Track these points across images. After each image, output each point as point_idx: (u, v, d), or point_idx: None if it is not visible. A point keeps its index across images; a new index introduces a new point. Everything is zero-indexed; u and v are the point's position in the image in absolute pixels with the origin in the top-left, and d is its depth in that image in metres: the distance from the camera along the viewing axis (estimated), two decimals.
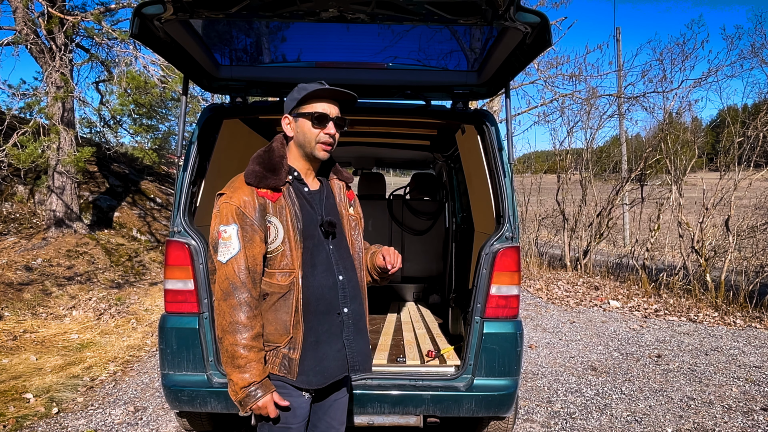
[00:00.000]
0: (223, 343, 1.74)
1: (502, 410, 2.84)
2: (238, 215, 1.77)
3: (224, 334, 1.74)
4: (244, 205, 1.77)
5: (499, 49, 2.64)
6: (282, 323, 1.80)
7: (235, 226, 1.76)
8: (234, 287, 1.74)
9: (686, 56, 10.38)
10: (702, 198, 8.33)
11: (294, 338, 1.81)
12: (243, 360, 1.72)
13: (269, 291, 1.81)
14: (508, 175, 2.93)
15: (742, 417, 3.97)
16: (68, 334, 5.79)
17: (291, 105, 1.88)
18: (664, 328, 6.63)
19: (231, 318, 1.73)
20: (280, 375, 1.81)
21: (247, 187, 1.81)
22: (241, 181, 1.83)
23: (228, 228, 1.76)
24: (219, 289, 1.76)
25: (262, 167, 1.83)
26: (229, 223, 1.76)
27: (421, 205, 5.42)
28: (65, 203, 8.58)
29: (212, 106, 3.10)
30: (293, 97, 1.88)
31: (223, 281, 1.75)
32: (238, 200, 1.78)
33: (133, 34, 2.18)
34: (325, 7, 2.13)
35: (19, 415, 3.81)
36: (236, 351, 1.72)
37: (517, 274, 2.81)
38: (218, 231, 1.78)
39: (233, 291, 1.74)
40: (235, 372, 1.73)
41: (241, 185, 1.81)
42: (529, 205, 13.42)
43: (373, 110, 3.31)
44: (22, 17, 7.60)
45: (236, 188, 1.81)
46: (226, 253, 1.76)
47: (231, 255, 1.75)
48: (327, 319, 1.87)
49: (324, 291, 1.86)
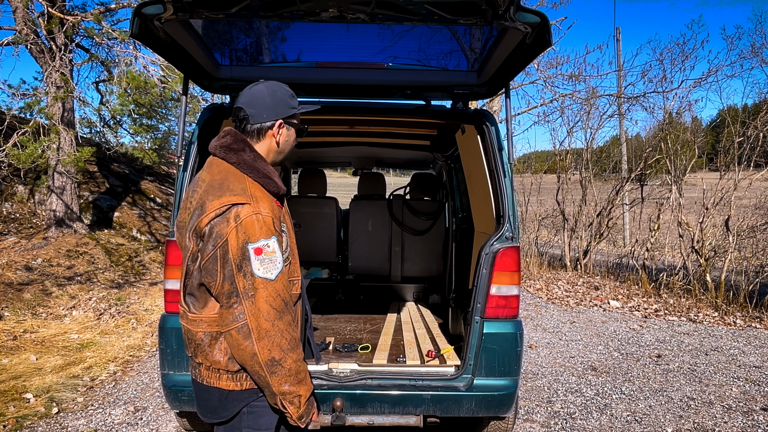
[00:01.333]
0: (285, 363, 1.62)
1: (502, 410, 2.84)
2: (276, 227, 1.65)
3: (285, 354, 1.62)
4: (275, 215, 1.67)
5: (499, 49, 2.64)
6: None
7: (275, 239, 1.63)
8: (286, 303, 1.64)
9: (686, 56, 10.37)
10: (702, 198, 8.33)
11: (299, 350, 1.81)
12: (304, 372, 1.68)
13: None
14: (508, 175, 2.93)
15: (742, 417, 3.97)
16: (68, 334, 5.79)
17: (289, 112, 1.80)
18: (664, 328, 6.63)
19: (290, 335, 1.63)
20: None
21: (269, 196, 1.71)
22: (259, 190, 1.69)
23: (269, 242, 1.61)
24: (270, 309, 1.60)
25: (270, 173, 1.74)
26: (269, 236, 1.61)
27: (421, 205, 5.42)
28: (65, 203, 8.58)
29: (212, 106, 3.11)
30: (289, 104, 1.80)
31: (274, 299, 1.61)
32: (269, 210, 1.65)
33: (133, 34, 2.18)
34: (325, 7, 2.13)
35: (19, 415, 3.81)
36: (299, 366, 1.65)
37: (517, 274, 2.81)
38: (256, 246, 1.59)
39: (286, 308, 1.63)
40: (301, 386, 1.66)
41: (262, 194, 1.68)
42: (529, 205, 13.42)
43: (373, 110, 3.31)
44: (22, 17, 7.60)
45: (260, 197, 1.66)
46: (273, 268, 1.61)
47: (278, 270, 1.62)
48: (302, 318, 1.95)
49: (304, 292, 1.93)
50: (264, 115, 1.76)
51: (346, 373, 2.91)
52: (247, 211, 1.60)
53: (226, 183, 1.66)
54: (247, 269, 1.59)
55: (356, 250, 5.39)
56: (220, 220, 1.60)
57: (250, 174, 1.69)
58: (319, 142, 4.93)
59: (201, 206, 1.65)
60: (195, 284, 1.72)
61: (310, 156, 5.82)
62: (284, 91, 1.80)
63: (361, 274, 5.39)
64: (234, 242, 1.59)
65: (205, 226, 1.62)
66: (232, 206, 1.61)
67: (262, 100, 1.77)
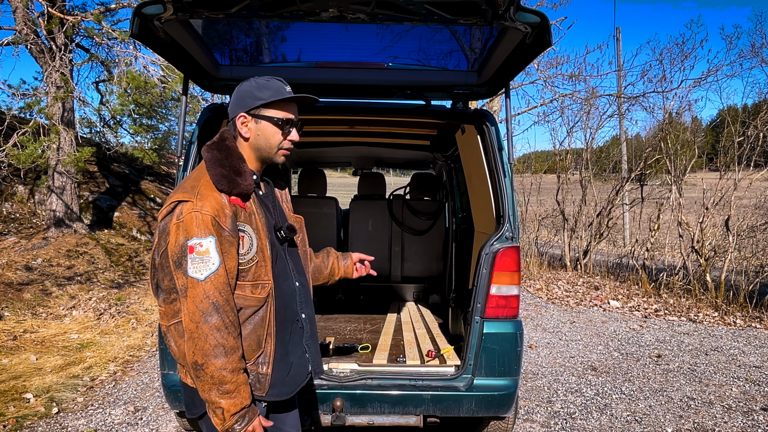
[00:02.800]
0: (206, 369, 1.56)
1: (502, 410, 2.84)
2: (214, 226, 1.58)
3: (207, 359, 1.55)
4: (218, 214, 1.59)
5: (499, 49, 2.64)
6: (255, 338, 1.70)
7: (213, 239, 1.57)
8: (216, 307, 1.56)
9: (686, 56, 10.37)
10: (702, 198, 8.33)
11: (264, 352, 1.72)
12: (232, 384, 1.57)
13: (244, 305, 1.68)
14: (508, 175, 2.93)
15: (742, 417, 3.97)
16: (68, 334, 5.79)
17: (251, 103, 1.70)
18: (664, 328, 6.63)
19: (215, 341, 1.55)
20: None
21: (218, 194, 1.63)
22: (209, 187, 1.64)
23: (204, 241, 1.56)
24: (196, 310, 1.56)
25: (229, 171, 1.66)
26: (204, 235, 1.56)
27: (421, 205, 5.42)
28: (65, 203, 8.58)
29: (212, 106, 3.10)
30: (254, 95, 1.70)
31: (201, 301, 1.56)
32: (212, 209, 1.59)
33: (133, 34, 2.18)
34: (325, 7, 2.13)
35: (19, 415, 3.81)
36: (224, 376, 1.56)
37: (517, 274, 2.81)
38: (189, 244, 1.56)
39: (215, 311, 1.56)
40: (225, 398, 1.57)
41: (209, 191, 1.63)
42: (529, 205, 13.42)
43: (373, 110, 3.31)
44: (22, 17, 7.59)
45: (205, 195, 1.61)
46: (204, 269, 1.56)
47: (211, 271, 1.56)
48: (290, 327, 1.83)
49: (287, 299, 1.81)
50: (232, 110, 1.75)
51: (346, 373, 2.91)
52: (188, 209, 1.59)
53: (186, 181, 1.70)
54: (184, 266, 1.57)
55: (356, 250, 5.36)
56: (169, 217, 1.63)
57: (210, 171, 1.67)
58: (319, 142, 4.93)
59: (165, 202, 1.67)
60: (161, 277, 1.72)
61: (310, 156, 5.82)
62: (252, 84, 1.72)
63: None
64: (173, 239, 1.59)
65: (161, 221, 1.66)
66: (178, 203, 1.62)
67: (232, 97, 1.77)
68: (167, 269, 1.64)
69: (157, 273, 1.73)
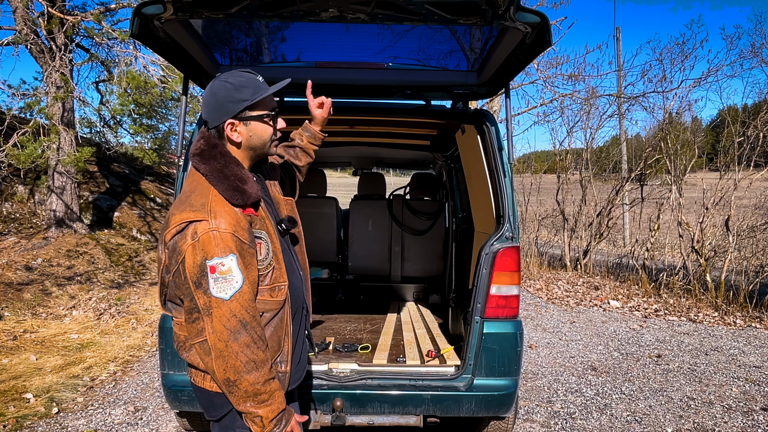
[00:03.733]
0: (240, 385, 1.55)
1: (502, 410, 2.84)
2: (235, 243, 1.55)
3: (240, 376, 1.54)
4: (236, 230, 1.56)
5: (499, 49, 2.64)
6: (276, 339, 1.71)
7: (234, 257, 1.53)
8: (244, 324, 1.54)
9: (686, 56, 10.37)
10: (702, 198, 8.33)
11: (283, 351, 1.74)
12: (267, 394, 1.58)
13: (263, 309, 1.67)
14: (508, 175, 2.93)
15: (742, 417, 3.97)
16: (68, 334, 5.79)
17: (236, 107, 1.65)
18: (664, 328, 6.63)
19: (246, 357, 1.54)
20: None
21: (231, 208, 1.59)
22: (220, 203, 1.59)
23: (225, 260, 1.52)
24: (224, 330, 1.53)
25: (235, 181, 1.62)
26: (225, 254, 1.52)
27: (421, 205, 5.42)
28: (65, 203, 8.58)
29: None
30: (236, 98, 1.64)
31: (228, 320, 1.53)
32: (229, 225, 1.55)
33: (133, 34, 2.18)
34: (325, 7, 2.13)
35: (19, 415, 3.81)
36: (258, 389, 1.57)
37: (517, 274, 2.81)
38: (210, 264, 1.52)
39: (243, 329, 1.54)
40: (261, 408, 1.58)
41: (222, 207, 1.58)
42: (529, 205, 13.42)
43: (373, 110, 3.31)
44: (22, 17, 7.60)
45: (219, 212, 1.56)
46: (228, 288, 1.53)
47: (235, 290, 1.53)
48: (298, 318, 1.87)
49: (297, 293, 1.84)
50: (214, 118, 1.68)
51: (346, 373, 2.91)
52: (203, 228, 1.53)
53: (191, 197, 1.62)
54: (205, 286, 1.53)
55: (356, 250, 5.39)
56: (180, 236, 1.57)
57: (217, 185, 1.62)
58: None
59: (168, 219, 1.61)
60: (172, 294, 1.69)
61: None
62: (227, 87, 1.66)
63: (361, 274, 5.39)
64: (191, 260, 1.54)
65: (170, 241, 1.59)
66: (190, 223, 1.55)
67: (207, 103, 1.70)
68: (185, 290, 1.59)
69: (166, 290, 1.72)
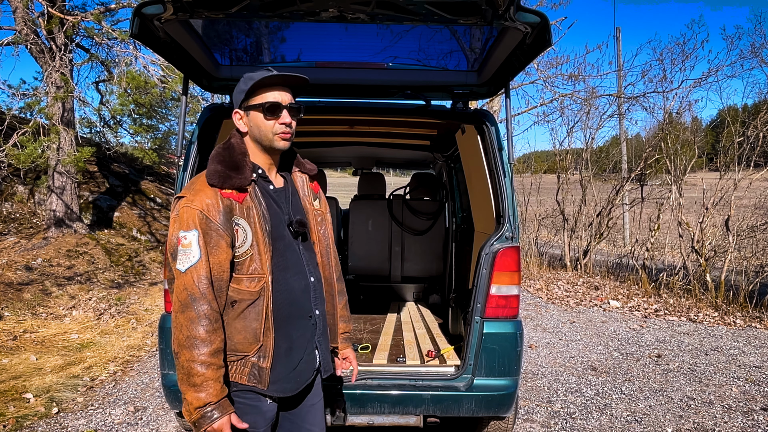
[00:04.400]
0: (179, 359, 1.59)
1: (502, 410, 2.84)
2: (200, 220, 1.63)
3: (180, 349, 1.59)
4: (207, 208, 1.64)
5: (499, 49, 2.64)
6: (251, 331, 1.70)
7: (196, 233, 1.62)
8: (192, 298, 1.59)
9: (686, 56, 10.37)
10: (702, 198, 8.33)
11: (264, 346, 1.71)
12: (200, 378, 1.57)
13: (237, 298, 1.69)
14: (508, 175, 2.93)
15: (742, 417, 3.97)
16: (68, 334, 5.79)
17: (240, 98, 1.75)
18: (664, 328, 6.63)
19: (188, 332, 1.58)
20: (249, 385, 1.72)
21: (210, 189, 1.67)
22: (203, 183, 1.69)
23: (188, 234, 1.62)
24: (177, 300, 1.61)
25: (224, 166, 1.70)
26: (189, 228, 1.62)
27: (421, 205, 5.42)
28: (65, 203, 8.58)
29: (212, 106, 3.10)
30: (240, 89, 1.75)
31: (181, 292, 1.60)
32: (201, 203, 1.64)
33: (133, 34, 2.18)
34: (325, 7, 2.13)
35: (19, 415, 3.81)
36: (192, 368, 1.57)
37: (517, 274, 2.81)
38: (177, 237, 1.63)
39: (191, 303, 1.59)
40: (191, 391, 1.58)
41: (203, 187, 1.68)
42: (529, 205, 13.42)
43: (373, 110, 3.31)
44: (22, 17, 7.60)
45: (197, 190, 1.67)
46: (185, 261, 1.61)
47: (191, 263, 1.61)
48: (300, 323, 1.81)
49: (296, 295, 1.79)
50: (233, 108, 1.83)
51: (346, 373, 2.91)
52: (183, 204, 1.67)
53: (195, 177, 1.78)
54: (174, 257, 1.65)
55: (356, 250, 5.39)
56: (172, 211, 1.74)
57: (208, 167, 1.74)
58: (319, 142, 4.93)
59: None
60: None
61: (310, 156, 5.82)
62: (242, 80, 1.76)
63: (361, 274, 5.39)
64: (170, 232, 1.68)
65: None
66: (178, 199, 1.70)
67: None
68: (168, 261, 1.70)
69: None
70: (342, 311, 2.09)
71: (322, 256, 1.96)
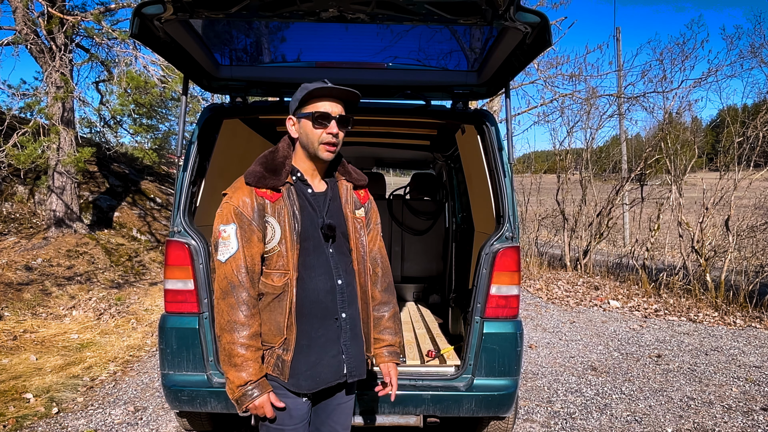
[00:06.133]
0: (222, 341, 1.76)
1: (502, 410, 2.84)
2: (236, 215, 1.79)
3: (222, 333, 1.76)
4: (243, 205, 1.80)
5: (499, 49, 2.64)
6: (276, 324, 1.80)
7: (234, 226, 1.78)
8: (232, 286, 1.76)
9: (686, 56, 10.38)
10: (702, 198, 8.33)
11: (287, 339, 1.81)
12: (240, 359, 1.73)
13: (265, 291, 1.82)
14: (508, 175, 2.93)
15: (742, 417, 3.97)
16: (68, 334, 5.79)
17: (294, 105, 1.87)
18: (664, 328, 6.63)
19: (229, 317, 1.75)
20: (273, 375, 1.82)
21: (247, 188, 1.83)
22: (242, 182, 1.85)
23: (227, 227, 1.79)
24: (218, 288, 1.78)
25: (263, 168, 1.85)
26: (228, 222, 1.79)
27: (421, 205, 5.42)
28: (65, 203, 8.58)
29: (212, 106, 3.10)
30: (296, 97, 1.86)
31: (222, 280, 1.78)
32: (237, 200, 1.80)
33: (133, 34, 2.18)
34: (325, 7, 2.13)
35: (19, 415, 3.81)
36: (233, 349, 1.73)
37: (517, 274, 2.81)
38: (218, 230, 1.80)
39: (232, 290, 1.76)
40: (232, 370, 1.74)
41: (241, 185, 1.84)
42: (529, 205, 13.42)
43: (373, 110, 3.31)
44: (22, 17, 7.60)
45: (236, 188, 1.84)
46: (225, 252, 1.78)
47: (230, 254, 1.77)
48: (323, 323, 1.84)
49: (320, 295, 1.83)
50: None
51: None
52: (225, 200, 1.83)
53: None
54: (216, 249, 1.82)
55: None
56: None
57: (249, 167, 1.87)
58: None
59: None
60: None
61: None
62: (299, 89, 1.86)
63: None
64: (214, 225, 1.84)
65: None
66: (223, 195, 1.86)
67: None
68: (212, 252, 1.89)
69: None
70: (387, 323, 2.06)
71: (358, 264, 1.97)
